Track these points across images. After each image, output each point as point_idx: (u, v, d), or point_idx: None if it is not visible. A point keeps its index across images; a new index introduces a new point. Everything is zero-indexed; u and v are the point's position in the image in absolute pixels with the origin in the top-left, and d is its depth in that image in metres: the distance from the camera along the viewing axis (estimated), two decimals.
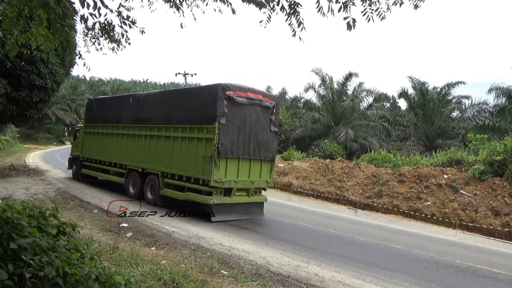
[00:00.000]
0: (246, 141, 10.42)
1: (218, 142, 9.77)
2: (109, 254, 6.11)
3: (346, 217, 13.09)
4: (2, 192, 11.85)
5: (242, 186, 10.45)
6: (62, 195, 12.32)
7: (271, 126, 10.98)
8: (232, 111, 10.06)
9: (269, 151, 10.94)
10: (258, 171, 10.75)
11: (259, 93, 10.91)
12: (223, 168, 9.98)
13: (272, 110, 10.96)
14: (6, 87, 13.38)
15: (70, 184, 14.98)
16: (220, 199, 10.09)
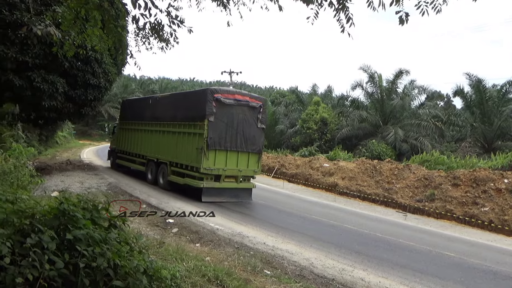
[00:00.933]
0: (234, 136, 12.83)
1: (207, 136, 12.26)
2: (156, 248, 6.33)
3: (394, 220, 12.67)
4: (59, 185, 12.81)
5: (230, 173, 12.78)
6: (113, 190, 13.04)
7: (258, 123, 13.37)
8: (220, 110, 12.49)
9: (256, 144, 13.29)
10: (245, 161, 13.08)
11: (246, 95, 13.42)
12: (212, 158, 12.39)
13: (259, 109, 13.37)
14: (64, 86, 14.37)
15: (120, 179, 15.83)
16: (210, 184, 12.47)
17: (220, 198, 12.89)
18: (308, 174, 20.09)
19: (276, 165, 23.06)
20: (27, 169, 8.31)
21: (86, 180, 14.69)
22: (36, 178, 8.46)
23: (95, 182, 14.44)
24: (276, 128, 33.86)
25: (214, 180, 12.73)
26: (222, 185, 12.85)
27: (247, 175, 13.32)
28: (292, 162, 23.00)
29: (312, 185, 19.10)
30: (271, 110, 35.25)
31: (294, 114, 35.81)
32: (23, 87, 13.22)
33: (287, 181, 20.53)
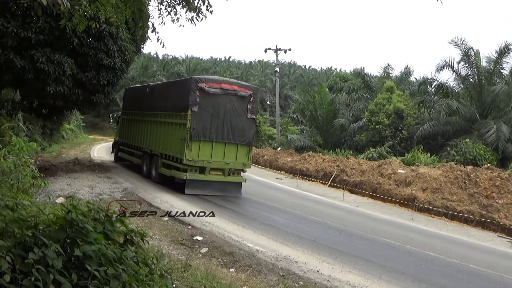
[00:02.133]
0: (220, 126, 15.40)
1: (190, 126, 14.86)
2: (180, 272, 6.49)
3: (495, 248, 12.25)
4: (65, 190, 13.51)
5: (217, 166, 15.48)
6: (129, 197, 13.56)
7: (248, 113, 15.88)
8: (205, 100, 15.10)
9: (245, 136, 15.85)
10: (233, 154, 15.69)
11: (234, 84, 15.98)
12: (195, 149, 15.06)
13: (248, 99, 15.89)
14: (72, 68, 14.94)
15: (138, 184, 16.46)
16: (194, 176, 15.16)
17: (204, 191, 15.59)
18: (377, 183, 19.75)
19: (335, 170, 22.87)
20: (29, 169, 8.73)
21: (96, 184, 15.38)
22: (39, 180, 8.89)
23: (108, 187, 15.07)
24: (334, 123, 33.46)
25: (199, 172, 15.42)
26: (207, 177, 15.48)
27: (235, 168, 16.00)
28: (356, 166, 22.75)
29: (381, 198, 18.93)
30: (328, 99, 34.94)
31: (359, 103, 35.20)
32: (25, 68, 13.91)
33: (349, 191, 20.56)
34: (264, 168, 29.10)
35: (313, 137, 36.43)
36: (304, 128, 40.58)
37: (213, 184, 15.69)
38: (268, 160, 30.54)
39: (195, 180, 15.41)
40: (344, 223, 13.10)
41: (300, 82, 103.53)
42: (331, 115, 34.30)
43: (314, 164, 25.38)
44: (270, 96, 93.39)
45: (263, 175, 24.90)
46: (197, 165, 15.26)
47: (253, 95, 16.31)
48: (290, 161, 28.11)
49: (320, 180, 23.04)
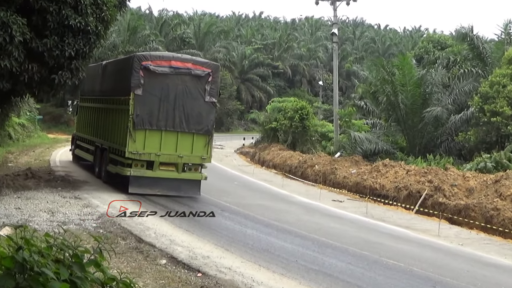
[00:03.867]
0: (170, 112, 18.91)
1: (133, 113, 18.31)
2: None
3: None
4: (13, 216, 13.81)
5: (167, 160, 19.18)
6: (108, 227, 13.83)
7: (206, 96, 19.35)
8: (150, 81, 18.61)
9: (203, 123, 19.42)
10: (188, 145, 19.31)
11: (187, 60, 19.50)
12: (140, 139, 18.60)
13: (206, 78, 19.27)
14: (24, 31, 15.18)
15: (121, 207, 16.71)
16: (140, 172, 18.81)
17: (153, 189, 19.09)
18: (493, 209, 19.40)
19: (425, 188, 22.60)
20: None
21: (60, 207, 15.71)
22: None
23: (76, 211, 15.38)
24: (425, 113, 33.00)
25: (146, 167, 19.02)
26: (156, 174, 19.08)
27: (192, 162, 19.65)
28: (459, 182, 22.41)
29: (500, 232, 18.63)
30: (414, 77, 34.47)
31: (465, 84, 34.60)
32: None
33: (447, 221, 20.41)
34: (314, 185, 29.08)
35: (391, 137, 36.09)
36: (377, 123, 40.26)
37: (164, 182, 19.30)
38: (321, 172, 30.46)
39: (142, 177, 19.02)
40: (440, 272, 12.97)
41: (371, 51, 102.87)
42: (420, 102, 33.86)
43: (393, 179, 25.13)
44: (323, 72, 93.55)
45: (312, 196, 24.93)
46: (143, 158, 18.88)
47: (212, 74, 19.49)
48: (355, 174, 27.93)
49: (402, 204, 22.84)
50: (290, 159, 35.57)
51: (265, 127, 47.75)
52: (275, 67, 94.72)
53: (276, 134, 45.41)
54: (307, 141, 42.65)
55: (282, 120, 43.92)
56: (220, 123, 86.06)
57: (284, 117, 43.89)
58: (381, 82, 35.62)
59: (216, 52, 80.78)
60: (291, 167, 33.72)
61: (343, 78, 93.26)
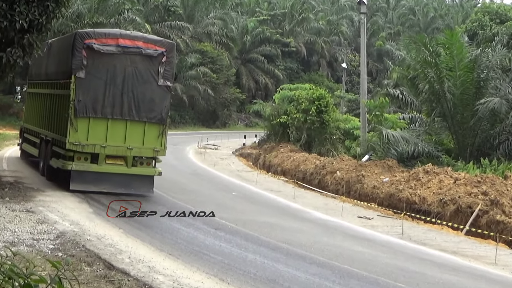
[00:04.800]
0: (118, 98, 20.85)
1: (75, 98, 20.25)
2: None
3: None
4: None
5: (114, 152, 21.14)
6: (70, 250, 13.80)
7: (159, 79, 21.22)
8: (95, 62, 20.46)
9: (155, 110, 21.43)
10: (139, 135, 21.29)
11: (137, 38, 21.41)
12: (83, 129, 20.55)
13: (160, 59, 21.14)
14: None
15: (87, 224, 16.76)
16: (83, 166, 20.84)
17: (98, 186, 21.16)
18: None
19: (478, 202, 22.57)
20: None
21: (7, 223, 15.68)
22: None
23: (28, 229, 15.35)
24: (478, 106, 32.93)
25: (91, 161, 21.08)
26: (102, 168, 21.08)
27: (143, 155, 21.83)
28: None
29: None
30: (465, 59, 34.36)
31: None
32: None
33: (506, 244, 20.37)
34: (335, 197, 29.03)
35: (435, 135, 36.02)
36: (416, 117, 40.20)
37: (112, 178, 21.30)
38: (344, 180, 30.40)
39: (86, 171, 21.04)
40: None
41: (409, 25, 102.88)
42: (472, 91, 33.79)
43: (437, 190, 25.05)
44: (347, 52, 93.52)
45: (333, 211, 24.95)
46: (86, 151, 20.84)
47: (166, 53, 21.41)
48: (387, 184, 27.87)
49: (449, 222, 22.80)
50: (304, 163, 35.54)
51: (272, 122, 47.80)
52: (286, 44, 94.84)
53: (286, 131, 45.46)
54: (326, 141, 42.60)
55: (294, 113, 43.90)
56: (213, 116, 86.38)
57: (296, 110, 43.86)
58: (422, 65, 35.50)
59: (209, 25, 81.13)
60: (306, 174, 33.71)
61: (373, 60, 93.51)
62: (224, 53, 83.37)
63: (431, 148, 33.63)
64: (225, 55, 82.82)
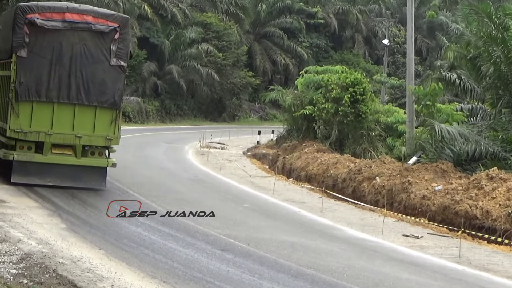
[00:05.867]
0: (65, 79, 22.88)
1: (16, 80, 22.25)
2: None
3: None
4: None
5: (61, 141, 23.18)
6: (37, 275, 13.72)
7: (112, 58, 23.23)
8: (39, 40, 22.44)
9: (107, 94, 23.48)
10: (90, 122, 23.35)
11: (86, 13, 23.13)
12: (25, 114, 22.58)
13: (112, 35, 23.09)
14: None
15: (59, 243, 16.81)
16: (26, 156, 22.87)
17: (43, 179, 23.20)
18: None
19: None
20: None
21: None
22: None
23: None
24: None
25: (35, 150, 23.20)
26: (48, 159, 23.15)
27: (94, 144, 23.94)
28: None
29: None
30: None
31: None
32: None
33: None
34: (373, 209, 29.00)
35: (503, 132, 35.94)
36: (478, 108, 40.10)
37: (59, 169, 23.43)
38: (385, 189, 30.38)
39: (29, 162, 23.08)
40: None
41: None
42: None
43: (504, 201, 25.03)
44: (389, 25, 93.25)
45: (371, 227, 25.00)
46: (29, 139, 22.90)
47: (120, 29, 23.46)
48: (440, 193, 27.85)
49: None
50: (335, 166, 35.49)
51: (294, 114, 47.67)
52: (312, 15, 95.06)
53: (311, 126, 45.42)
54: (363, 138, 42.58)
55: (322, 103, 43.86)
56: (219, 107, 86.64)
57: (325, 98, 43.84)
58: (485, 42, 35.39)
59: None
60: (336, 181, 33.68)
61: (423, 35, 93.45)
62: (232, 26, 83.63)
63: (496, 147, 33.57)
64: (234, 29, 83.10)
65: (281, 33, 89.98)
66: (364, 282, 16.47)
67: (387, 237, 23.50)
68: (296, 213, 27.16)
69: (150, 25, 79.41)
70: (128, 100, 75.79)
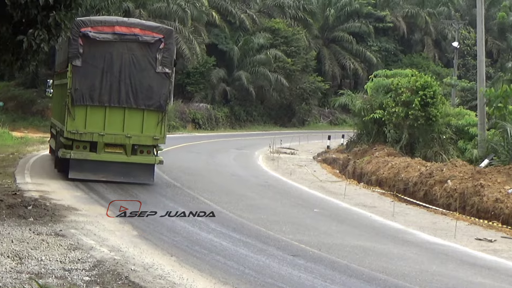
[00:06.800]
0: (115, 85, 25.98)
1: (72, 87, 25.50)
2: None
3: None
4: None
5: (113, 141, 26.42)
6: (109, 283, 13.85)
7: (157, 66, 26.29)
8: (92, 50, 25.57)
9: (154, 98, 26.64)
10: (138, 123, 26.53)
11: (134, 25, 26.40)
12: (80, 117, 25.87)
13: (157, 45, 26.16)
14: None
15: (131, 250, 16.96)
16: (82, 154, 26.23)
17: (97, 175, 26.63)
18: None
19: None
20: None
21: (31, 249, 15.88)
22: None
23: (58, 256, 15.50)
24: None
25: (90, 149, 26.49)
26: (101, 157, 26.52)
27: (143, 143, 26.96)
28: None
29: None
30: None
31: None
32: None
33: None
34: (445, 213, 28.71)
35: None
36: None
37: (111, 167, 26.78)
38: (457, 192, 30.05)
39: (84, 160, 26.53)
40: None
41: None
42: None
43: None
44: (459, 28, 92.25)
45: (443, 231, 24.79)
46: (84, 139, 26.23)
47: (164, 40, 26.45)
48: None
49: None
50: (406, 170, 35.20)
51: (364, 118, 47.45)
52: (380, 19, 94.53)
53: (381, 130, 45.21)
54: (434, 141, 42.24)
55: (391, 107, 43.62)
56: (289, 112, 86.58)
57: (395, 102, 43.59)
58: None
59: None
60: (407, 184, 33.41)
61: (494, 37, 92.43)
62: (301, 32, 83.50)
63: None
64: (302, 34, 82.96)
65: (350, 37, 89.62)
66: (437, 287, 16.34)
67: (460, 241, 23.27)
68: (367, 217, 27.02)
69: (218, 31, 79.61)
70: (198, 107, 76.23)
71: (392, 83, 45.86)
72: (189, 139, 62.09)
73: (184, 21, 70.20)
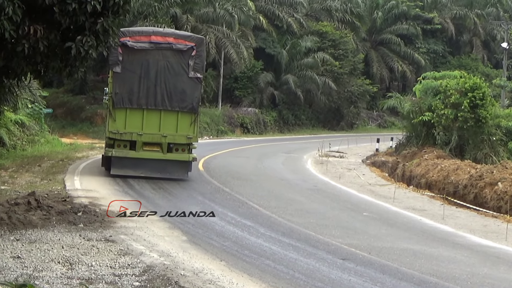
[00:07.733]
0: (151, 89, 29.95)
1: (112, 91, 30.02)
2: None
3: None
4: (11, 270, 14.15)
5: (150, 140, 30.47)
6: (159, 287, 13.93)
7: (190, 71, 29.88)
8: (130, 58, 29.62)
9: (187, 100, 30.17)
10: (173, 124, 30.27)
11: (168, 35, 31.14)
12: (120, 118, 30.07)
13: (190, 53, 29.84)
14: None
15: (180, 255, 17.02)
16: (122, 152, 30.16)
17: (136, 171, 29.80)
18: None
19: None
20: None
21: (81, 255, 16.08)
22: None
23: (107, 262, 15.72)
24: None
25: (130, 148, 29.71)
26: (140, 154, 29.70)
27: (177, 142, 30.13)
28: None
29: None
30: None
31: None
32: None
33: None
34: (496, 216, 28.45)
35: None
36: None
37: (149, 163, 29.86)
38: (508, 195, 29.74)
39: (125, 157, 29.57)
40: None
41: None
42: None
43: None
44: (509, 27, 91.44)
45: (494, 234, 24.68)
46: (124, 138, 29.48)
47: (196, 47, 29.66)
48: None
49: None
50: (456, 173, 34.90)
51: (413, 121, 47.16)
52: (428, 20, 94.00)
53: (430, 132, 44.88)
54: (484, 143, 41.91)
55: (440, 109, 43.29)
56: (337, 115, 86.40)
57: (444, 104, 43.27)
58: None
59: None
60: (457, 187, 33.10)
61: None
62: (348, 35, 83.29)
63: None
64: (350, 37, 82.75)
65: (398, 39, 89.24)
66: None
67: (511, 243, 23.05)
68: (417, 221, 26.87)
69: (265, 35, 79.56)
70: (246, 111, 76.22)
71: (440, 85, 45.48)
72: (238, 143, 62.41)
73: (232, 25, 70.25)
